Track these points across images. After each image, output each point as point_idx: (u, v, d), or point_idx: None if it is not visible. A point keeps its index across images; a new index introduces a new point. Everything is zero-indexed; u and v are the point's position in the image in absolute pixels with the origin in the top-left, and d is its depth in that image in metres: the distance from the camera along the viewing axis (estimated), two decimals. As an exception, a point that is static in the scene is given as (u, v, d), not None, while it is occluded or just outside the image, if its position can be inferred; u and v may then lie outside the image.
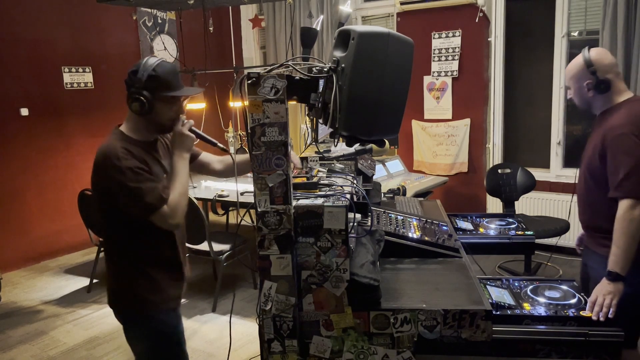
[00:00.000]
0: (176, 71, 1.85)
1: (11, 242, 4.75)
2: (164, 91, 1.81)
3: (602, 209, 1.99)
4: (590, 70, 2.02)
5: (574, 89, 2.10)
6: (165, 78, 1.80)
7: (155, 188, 1.78)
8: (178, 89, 1.85)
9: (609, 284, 1.79)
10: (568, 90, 2.17)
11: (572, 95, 2.13)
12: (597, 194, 2.02)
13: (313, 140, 1.76)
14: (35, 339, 3.47)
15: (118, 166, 1.74)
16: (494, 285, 1.86)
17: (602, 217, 1.98)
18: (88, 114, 5.24)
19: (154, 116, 1.83)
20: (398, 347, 1.61)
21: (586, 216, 2.13)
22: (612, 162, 1.91)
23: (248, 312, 3.69)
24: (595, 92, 2.04)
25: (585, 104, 2.10)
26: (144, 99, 1.78)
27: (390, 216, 2.21)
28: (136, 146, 1.84)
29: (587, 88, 2.04)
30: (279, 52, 6.00)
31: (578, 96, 2.10)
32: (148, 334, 1.95)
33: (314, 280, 1.59)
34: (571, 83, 2.11)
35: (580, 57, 2.07)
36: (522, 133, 5.05)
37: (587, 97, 2.07)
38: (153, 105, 1.80)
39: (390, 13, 5.43)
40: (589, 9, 4.46)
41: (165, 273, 1.95)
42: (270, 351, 1.64)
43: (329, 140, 1.85)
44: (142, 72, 1.77)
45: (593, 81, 2.02)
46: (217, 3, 4.57)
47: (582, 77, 2.05)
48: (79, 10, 5.07)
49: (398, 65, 1.48)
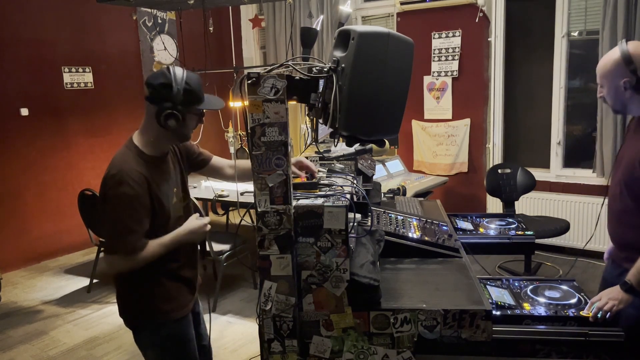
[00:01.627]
0: (201, 82, 1.81)
1: (11, 242, 4.75)
2: (196, 104, 1.78)
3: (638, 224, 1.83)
4: (631, 68, 1.79)
5: (608, 87, 1.86)
6: (197, 91, 1.77)
7: (135, 234, 1.73)
8: (204, 100, 1.82)
9: (620, 292, 1.72)
10: (600, 89, 1.91)
11: (605, 94, 1.89)
12: (634, 209, 1.84)
13: (313, 140, 1.76)
14: (35, 339, 3.47)
15: (122, 191, 1.71)
16: (494, 285, 1.86)
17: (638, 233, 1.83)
18: (88, 114, 5.24)
19: (180, 128, 1.77)
20: (398, 347, 1.61)
21: (619, 231, 1.93)
22: None
23: (248, 312, 3.69)
24: (633, 92, 1.81)
25: (619, 105, 1.88)
26: (180, 115, 1.72)
27: (390, 216, 2.21)
28: (148, 162, 1.80)
29: (624, 87, 1.81)
30: (279, 52, 6.00)
31: (612, 96, 1.86)
32: (159, 341, 1.94)
33: (314, 280, 1.59)
34: (605, 81, 1.87)
35: (617, 51, 1.81)
36: (522, 133, 5.05)
37: (623, 98, 1.84)
38: (185, 117, 1.76)
39: (390, 13, 5.43)
40: (589, 9, 4.45)
41: (176, 282, 1.94)
42: (270, 351, 1.64)
43: (329, 140, 1.86)
44: (177, 86, 1.71)
45: (632, 79, 1.79)
46: (217, 3, 4.57)
47: (618, 74, 1.81)
48: (79, 10, 5.07)
49: (398, 65, 1.48)
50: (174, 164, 1.96)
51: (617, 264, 1.95)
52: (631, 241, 1.86)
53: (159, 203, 1.80)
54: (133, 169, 1.73)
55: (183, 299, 1.97)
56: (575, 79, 4.73)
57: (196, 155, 2.10)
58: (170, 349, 1.96)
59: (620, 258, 1.93)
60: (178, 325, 1.95)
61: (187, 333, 2.00)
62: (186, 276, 1.98)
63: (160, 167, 1.86)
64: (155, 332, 1.93)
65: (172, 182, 1.91)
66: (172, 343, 1.95)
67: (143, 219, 1.75)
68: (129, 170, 1.73)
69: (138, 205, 1.73)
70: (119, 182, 1.71)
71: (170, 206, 1.87)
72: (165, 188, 1.85)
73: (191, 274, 2.01)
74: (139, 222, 1.74)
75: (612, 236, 1.98)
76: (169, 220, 1.87)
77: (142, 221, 1.75)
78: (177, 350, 1.98)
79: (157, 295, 1.89)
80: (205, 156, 2.12)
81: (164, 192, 1.83)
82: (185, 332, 1.99)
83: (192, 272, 2.02)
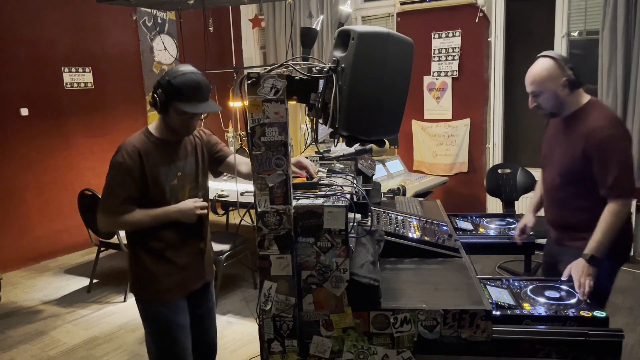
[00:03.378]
0: (199, 87, 1.92)
1: (11, 242, 4.74)
2: (176, 100, 1.92)
3: (584, 207, 2.06)
4: (568, 67, 2.03)
5: (547, 93, 2.05)
6: (180, 90, 1.90)
7: (117, 197, 1.96)
8: (192, 103, 1.92)
9: (590, 267, 1.92)
10: (533, 99, 2.11)
11: (542, 101, 2.08)
12: (578, 194, 2.08)
13: (313, 140, 1.76)
14: (35, 339, 3.47)
15: (115, 159, 1.96)
16: (494, 285, 1.86)
17: (583, 215, 2.05)
18: (88, 114, 5.24)
19: (167, 119, 1.99)
20: (398, 347, 1.61)
21: (563, 214, 2.16)
22: (603, 164, 1.97)
23: (248, 312, 3.69)
24: (569, 91, 2.03)
25: (557, 107, 2.08)
26: (157, 97, 1.94)
27: (390, 216, 2.21)
28: (153, 143, 2.01)
29: (563, 86, 2.02)
30: (279, 52, 6.00)
31: (552, 100, 2.06)
32: (146, 317, 2.13)
33: (314, 280, 1.59)
34: (542, 88, 2.06)
35: (546, 60, 2.05)
36: (522, 133, 5.05)
37: (562, 98, 2.05)
38: (167, 109, 1.95)
39: (390, 13, 5.43)
40: (589, 9, 4.45)
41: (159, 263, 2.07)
42: (270, 351, 1.64)
43: (329, 140, 1.86)
44: (168, 76, 1.92)
45: (570, 77, 2.01)
46: (217, 3, 4.57)
47: (556, 76, 2.02)
48: (79, 10, 5.07)
49: (398, 65, 1.48)
50: (190, 155, 2.12)
51: (560, 244, 2.20)
52: (572, 221, 2.11)
53: (153, 178, 1.99)
54: (130, 144, 1.98)
55: (166, 282, 2.07)
56: (575, 79, 4.72)
57: (216, 151, 2.24)
58: (155, 329, 2.13)
59: (564, 238, 2.18)
60: (164, 307, 2.09)
61: (172, 318, 2.10)
62: (173, 260, 2.07)
63: (165, 150, 2.03)
64: (145, 308, 2.13)
65: (176, 166, 2.06)
66: (157, 323, 2.12)
67: (128, 186, 1.95)
68: (127, 144, 1.98)
69: (125, 172, 1.94)
70: (116, 152, 1.98)
71: (167, 185, 2.03)
72: (164, 168, 2.01)
73: (182, 260, 2.10)
74: (122, 187, 1.95)
75: (554, 220, 2.23)
76: (164, 198, 2.03)
77: (125, 187, 1.95)
78: (161, 331, 2.11)
79: (140, 272, 2.09)
80: (223, 153, 2.25)
81: (161, 171, 2.00)
82: (168, 316, 2.10)
83: (184, 258, 2.11)
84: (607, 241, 1.96)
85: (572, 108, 2.08)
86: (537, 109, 2.13)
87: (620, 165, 1.96)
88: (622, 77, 4.15)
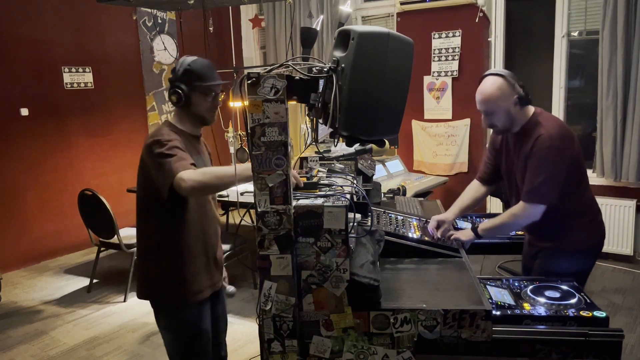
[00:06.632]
0: (210, 66, 2.01)
1: (11, 242, 4.75)
2: (197, 81, 1.95)
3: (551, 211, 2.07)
4: (518, 85, 2.08)
5: (499, 112, 2.08)
6: (198, 71, 1.96)
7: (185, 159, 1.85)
8: (214, 80, 2.00)
9: (472, 235, 2.13)
10: (486, 118, 2.13)
11: (495, 120, 2.11)
12: None
13: (313, 140, 1.76)
14: (35, 339, 3.47)
15: (159, 140, 1.88)
16: (494, 285, 1.86)
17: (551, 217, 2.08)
18: (88, 114, 5.24)
19: (192, 108, 2.00)
20: (398, 347, 1.61)
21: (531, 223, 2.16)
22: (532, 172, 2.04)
23: (248, 312, 3.69)
24: (520, 107, 2.08)
25: (510, 124, 2.12)
26: (180, 91, 1.95)
27: (390, 216, 2.21)
28: (180, 134, 2.00)
29: (514, 103, 2.07)
30: (279, 52, 6.00)
31: (504, 118, 2.09)
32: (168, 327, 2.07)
33: (314, 280, 1.59)
34: (494, 108, 2.08)
35: (494, 79, 2.08)
36: (522, 133, 5.04)
37: (514, 115, 2.09)
38: (190, 97, 1.97)
39: (390, 13, 5.43)
40: (589, 9, 4.46)
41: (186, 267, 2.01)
42: (270, 351, 1.64)
43: (329, 140, 1.85)
44: (179, 67, 1.96)
45: (519, 95, 2.06)
46: (217, 3, 4.57)
47: (510, 93, 2.06)
48: (79, 10, 5.07)
49: (398, 65, 1.48)
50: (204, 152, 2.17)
51: (532, 245, 2.28)
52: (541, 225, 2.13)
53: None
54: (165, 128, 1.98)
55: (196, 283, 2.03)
56: (575, 79, 4.74)
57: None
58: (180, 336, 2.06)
59: (535, 239, 2.27)
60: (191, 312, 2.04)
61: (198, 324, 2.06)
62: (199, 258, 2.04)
63: (191, 142, 2.05)
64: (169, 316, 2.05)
65: (199, 159, 2.05)
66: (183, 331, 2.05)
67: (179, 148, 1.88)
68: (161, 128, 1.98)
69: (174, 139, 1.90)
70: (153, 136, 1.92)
71: None
72: (195, 158, 1.98)
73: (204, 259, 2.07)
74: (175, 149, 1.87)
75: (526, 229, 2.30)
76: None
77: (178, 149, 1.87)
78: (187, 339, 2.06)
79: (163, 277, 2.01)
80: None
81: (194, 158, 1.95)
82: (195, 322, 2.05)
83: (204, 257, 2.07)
84: (494, 232, 2.16)
85: (521, 122, 2.12)
86: (490, 127, 2.18)
87: (547, 175, 2.00)
88: (622, 77, 4.15)
